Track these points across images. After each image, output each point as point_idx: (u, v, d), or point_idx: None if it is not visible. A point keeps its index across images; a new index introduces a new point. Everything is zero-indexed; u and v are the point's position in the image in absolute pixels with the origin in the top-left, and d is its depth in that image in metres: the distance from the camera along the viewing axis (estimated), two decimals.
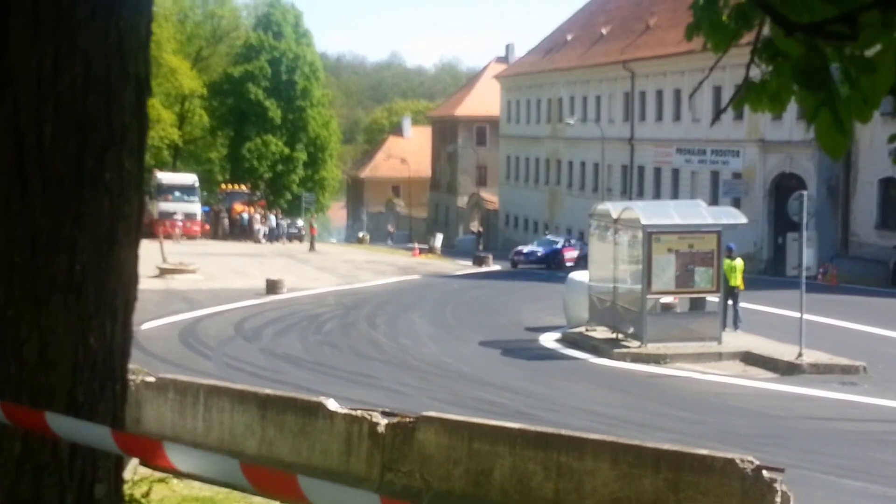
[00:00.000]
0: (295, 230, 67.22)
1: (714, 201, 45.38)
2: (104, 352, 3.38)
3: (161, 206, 60.49)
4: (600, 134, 59.82)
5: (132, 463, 11.25)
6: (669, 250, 23.12)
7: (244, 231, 64.12)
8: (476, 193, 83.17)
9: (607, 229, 25.55)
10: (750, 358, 22.46)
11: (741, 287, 25.04)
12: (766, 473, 9.55)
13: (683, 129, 53.72)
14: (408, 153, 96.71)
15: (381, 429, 11.96)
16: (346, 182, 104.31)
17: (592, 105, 63.77)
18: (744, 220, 25.40)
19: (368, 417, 12.14)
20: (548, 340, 25.64)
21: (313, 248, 57.85)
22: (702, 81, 4.61)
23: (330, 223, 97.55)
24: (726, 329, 24.07)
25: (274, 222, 66.36)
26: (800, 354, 21.58)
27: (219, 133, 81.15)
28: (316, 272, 44.11)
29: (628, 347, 23.23)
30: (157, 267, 38.94)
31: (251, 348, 23.99)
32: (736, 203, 43.79)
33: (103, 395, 3.40)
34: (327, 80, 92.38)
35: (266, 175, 78.45)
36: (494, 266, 51.81)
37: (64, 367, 3.30)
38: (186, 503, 10.75)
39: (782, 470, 9.71)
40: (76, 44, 3.25)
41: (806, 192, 23.28)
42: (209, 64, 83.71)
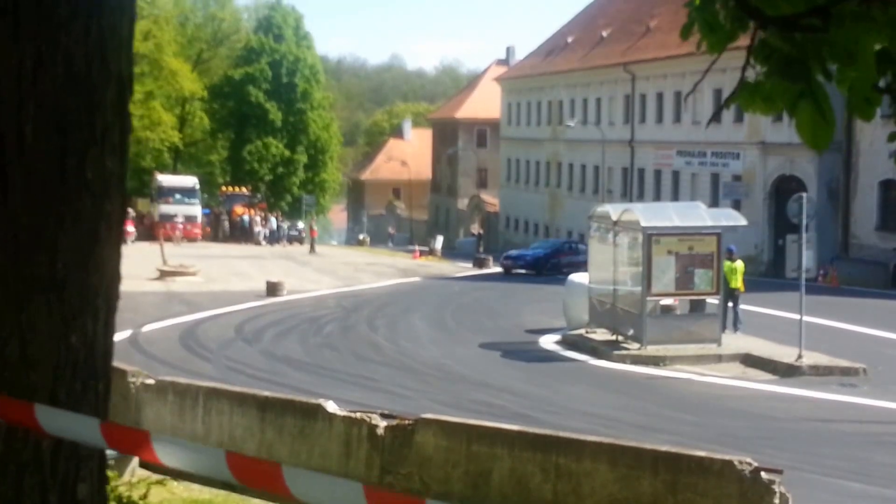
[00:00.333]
0: (295, 232, 67.24)
1: (714, 203, 45.39)
2: (86, 351, 3.37)
3: (162, 209, 60.52)
4: (601, 136, 59.83)
5: (131, 465, 11.27)
6: (669, 252, 23.13)
7: (245, 233, 64.13)
8: (476, 196, 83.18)
9: (607, 231, 25.57)
10: (749, 360, 22.46)
11: (741, 289, 25.05)
12: (765, 475, 9.55)
13: (684, 132, 53.73)
14: (408, 155, 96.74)
15: (381, 431, 11.96)
16: (347, 184, 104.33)
17: (593, 107, 63.79)
18: (743, 222, 25.41)
19: (367, 420, 12.14)
20: (548, 342, 25.65)
21: (314, 251, 57.86)
22: (697, 83, 4.61)
23: (330, 225, 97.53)
24: (726, 331, 24.07)
25: (274, 225, 66.38)
26: (799, 356, 21.57)
27: (219, 135, 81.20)
28: (316, 274, 44.12)
29: (628, 349, 23.23)
30: (158, 269, 38.95)
31: (251, 350, 23.99)
32: (736, 205, 43.77)
33: (86, 395, 3.39)
34: (328, 83, 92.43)
35: (266, 177, 78.49)
36: (495, 268, 51.81)
37: (45, 367, 3.29)
38: None
39: (780, 471, 9.70)
40: (57, 43, 3.24)
41: (805, 195, 23.28)
42: (210, 66, 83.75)
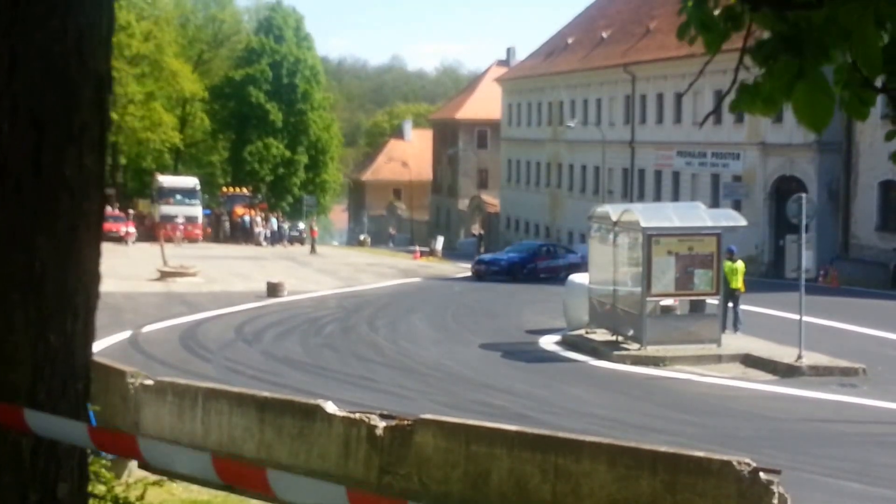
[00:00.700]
0: (296, 233, 67.23)
1: (715, 204, 45.38)
2: (65, 350, 3.36)
3: (162, 210, 60.53)
4: (601, 137, 59.84)
5: (128, 466, 11.27)
6: (669, 253, 23.13)
7: (245, 234, 64.13)
8: (477, 196, 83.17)
9: (607, 232, 25.56)
10: (749, 360, 22.45)
11: (742, 289, 25.04)
12: (763, 475, 9.55)
13: (684, 132, 53.71)
14: (409, 156, 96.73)
15: (380, 431, 11.96)
16: (348, 185, 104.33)
17: (593, 108, 63.79)
18: (743, 223, 25.40)
19: (366, 420, 12.14)
20: (548, 343, 25.65)
21: (314, 251, 57.86)
22: (692, 83, 4.63)
23: (331, 226, 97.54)
24: (726, 331, 24.06)
25: (275, 225, 66.38)
26: (799, 356, 21.57)
27: (220, 136, 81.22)
28: (317, 275, 44.12)
29: (628, 350, 23.22)
30: (158, 270, 38.98)
31: (252, 351, 23.99)
32: (737, 206, 43.76)
33: (65, 394, 3.38)
34: (329, 84, 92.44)
35: (267, 178, 78.51)
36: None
37: (24, 366, 3.29)
38: None
39: (779, 472, 9.71)
40: (33, 41, 3.24)
41: (805, 195, 23.27)
42: (210, 67, 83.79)
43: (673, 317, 24.07)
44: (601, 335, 24.86)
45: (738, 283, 24.74)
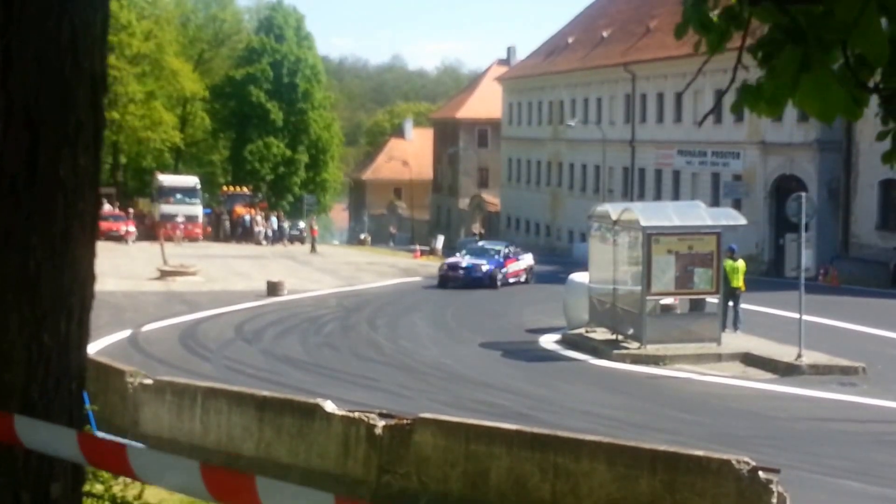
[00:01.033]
0: (296, 232, 67.15)
1: (715, 203, 45.35)
2: (59, 350, 3.36)
3: (163, 209, 60.47)
4: (601, 136, 59.83)
5: None
6: (669, 252, 23.12)
7: (246, 233, 64.08)
8: (477, 195, 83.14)
9: (607, 231, 25.56)
10: (749, 359, 22.45)
11: (742, 288, 25.03)
12: (762, 474, 9.55)
13: (684, 131, 53.69)
14: (409, 155, 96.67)
15: (379, 431, 11.96)
16: (348, 184, 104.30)
17: (593, 107, 63.78)
18: (743, 222, 25.39)
19: (366, 419, 12.14)
20: (548, 342, 25.64)
21: (315, 250, 57.82)
22: (690, 82, 4.64)
23: (332, 225, 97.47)
24: (726, 330, 24.06)
25: (275, 224, 66.33)
26: (799, 355, 21.56)
27: (220, 135, 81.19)
28: (317, 274, 44.10)
29: (628, 349, 23.22)
30: (158, 269, 38.96)
31: (251, 350, 24.00)
32: (737, 205, 43.74)
33: (59, 394, 3.38)
34: (329, 84, 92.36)
35: (268, 177, 78.48)
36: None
37: (18, 365, 3.29)
38: None
39: (778, 471, 9.71)
40: (27, 41, 3.24)
41: (805, 194, 23.27)
42: (211, 67, 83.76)
43: (673, 316, 24.08)
44: (601, 334, 24.86)
45: (739, 282, 24.73)
